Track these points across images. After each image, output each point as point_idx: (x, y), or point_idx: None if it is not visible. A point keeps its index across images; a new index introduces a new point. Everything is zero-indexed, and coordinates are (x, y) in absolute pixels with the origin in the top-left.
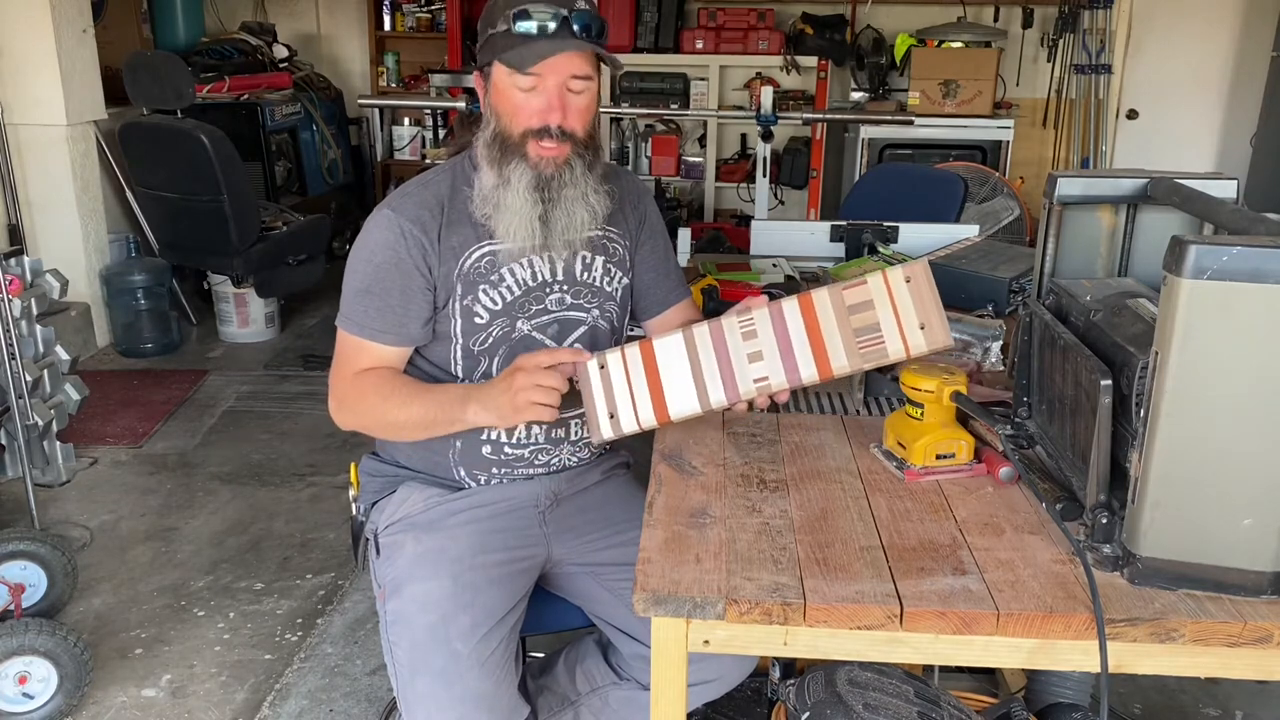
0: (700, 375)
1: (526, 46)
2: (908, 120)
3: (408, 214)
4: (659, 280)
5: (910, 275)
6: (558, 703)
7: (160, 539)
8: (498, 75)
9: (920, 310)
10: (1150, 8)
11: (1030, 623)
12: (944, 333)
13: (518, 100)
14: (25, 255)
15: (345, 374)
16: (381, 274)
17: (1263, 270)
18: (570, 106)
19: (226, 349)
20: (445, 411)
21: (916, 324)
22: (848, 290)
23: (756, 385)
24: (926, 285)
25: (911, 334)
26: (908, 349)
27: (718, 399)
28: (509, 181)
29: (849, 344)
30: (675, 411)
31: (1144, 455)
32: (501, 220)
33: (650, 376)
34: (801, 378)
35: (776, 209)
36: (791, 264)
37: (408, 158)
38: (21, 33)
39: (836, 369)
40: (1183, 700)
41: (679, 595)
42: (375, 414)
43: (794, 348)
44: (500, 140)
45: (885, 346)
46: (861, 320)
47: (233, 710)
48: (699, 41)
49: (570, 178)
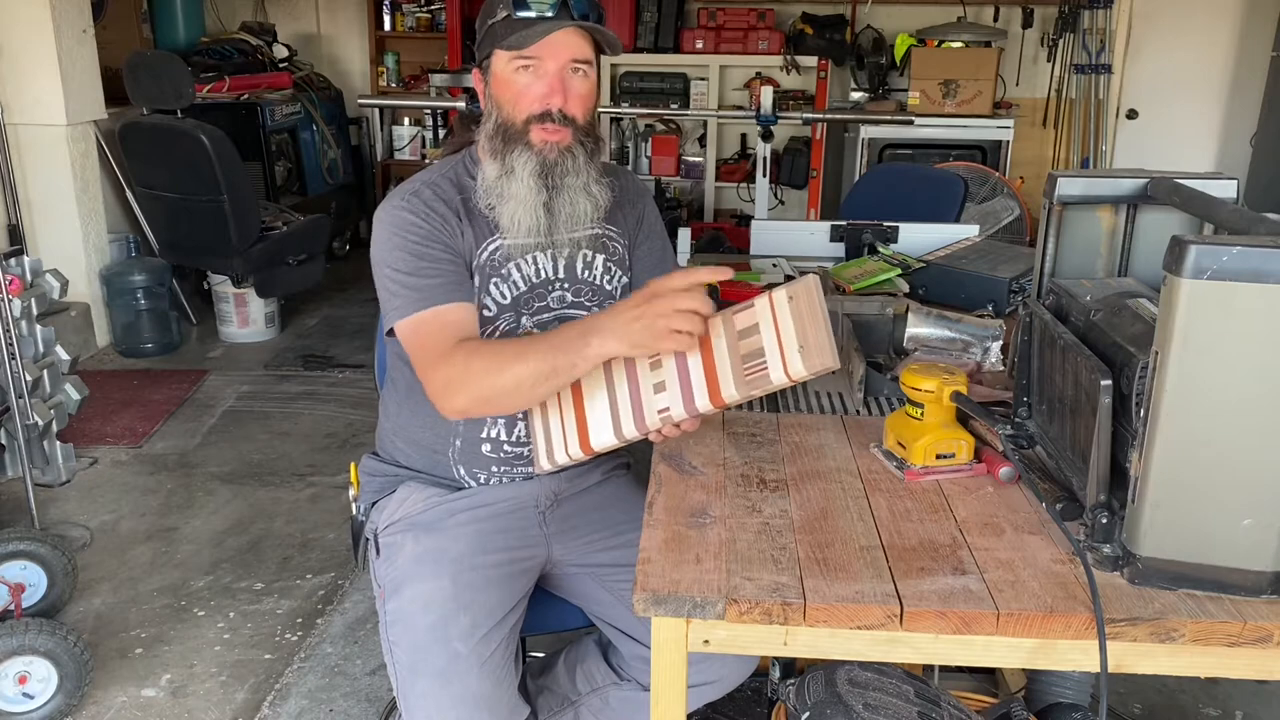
0: (615, 407)
1: (527, 29)
2: (908, 120)
3: (424, 198)
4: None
5: (793, 294)
6: (558, 703)
7: (160, 539)
8: (498, 64)
9: (799, 331)
10: (1150, 8)
11: (1030, 623)
12: (824, 354)
13: (519, 86)
14: (25, 255)
15: (437, 355)
16: (421, 250)
17: (1263, 270)
18: (571, 91)
19: (226, 349)
20: (565, 354)
21: (795, 345)
22: (738, 315)
23: (660, 416)
24: (807, 304)
25: (790, 356)
26: (788, 372)
27: (630, 431)
28: (513, 170)
29: (737, 371)
30: (596, 443)
31: (1144, 455)
32: (506, 209)
33: (577, 408)
34: (697, 407)
35: (776, 209)
36: (791, 264)
37: (408, 158)
38: (21, 33)
39: (726, 398)
40: (1183, 700)
41: (679, 595)
42: (489, 380)
43: (690, 378)
44: (503, 130)
45: (768, 373)
46: (749, 345)
47: (233, 710)
48: (699, 41)
49: (573, 165)
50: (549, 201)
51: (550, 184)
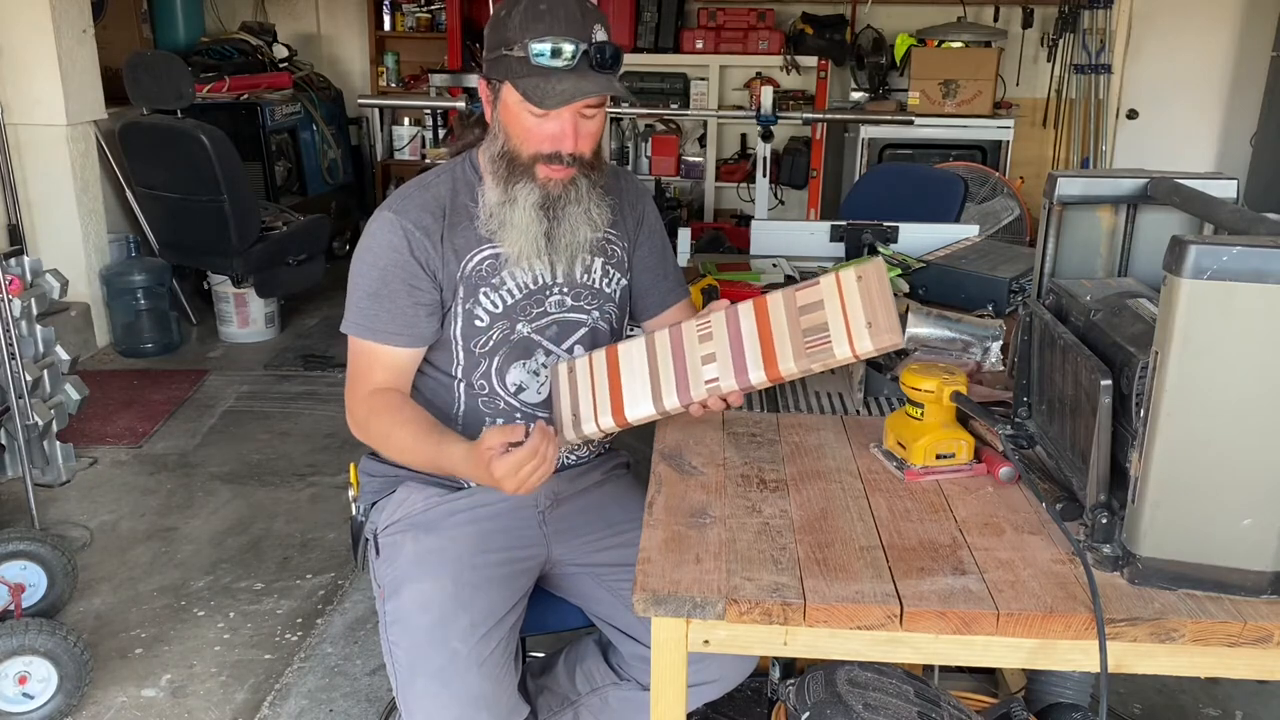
0: (657, 378)
1: (545, 82)
2: (908, 120)
3: (410, 216)
4: (657, 281)
5: (862, 274)
6: (557, 703)
7: (160, 539)
8: (509, 96)
9: (868, 309)
10: (1150, 8)
11: (1030, 623)
12: (891, 332)
13: (529, 125)
14: (25, 255)
15: (360, 389)
16: (388, 276)
17: (1263, 270)
18: (582, 133)
19: (226, 349)
20: (441, 470)
21: (864, 323)
22: (801, 291)
23: (707, 386)
24: (877, 284)
25: (858, 333)
26: (854, 348)
27: (671, 402)
28: (515, 200)
29: (797, 345)
30: (631, 414)
31: (1144, 455)
32: (507, 237)
33: (612, 379)
34: (750, 379)
35: (776, 209)
36: (791, 264)
37: (408, 158)
38: (21, 33)
39: (784, 370)
40: (1183, 700)
41: (679, 595)
42: (380, 443)
43: (745, 349)
44: (508, 158)
45: (831, 346)
46: (811, 320)
47: (233, 710)
48: (699, 41)
49: (575, 195)
50: (550, 230)
51: (552, 215)
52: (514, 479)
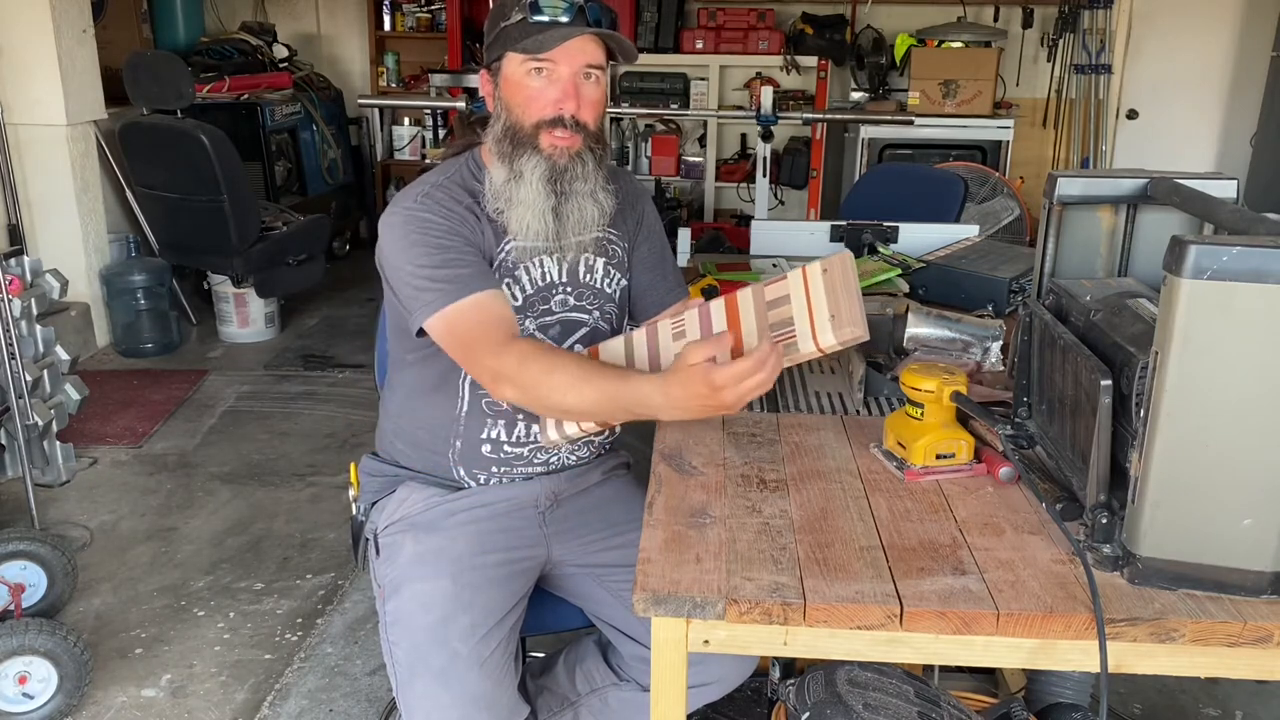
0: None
1: (542, 33)
2: (908, 120)
3: (439, 200)
4: (656, 281)
5: (827, 266)
6: (557, 703)
7: (160, 539)
8: (510, 67)
9: (831, 302)
10: (1150, 8)
11: (1030, 623)
12: (854, 324)
13: (531, 90)
14: (25, 255)
15: (485, 353)
16: (444, 243)
17: (1263, 270)
18: (583, 96)
19: (226, 349)
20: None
21: (827, 315)
22: (769, 286)
23: None
24: (841, 276)
25: (821, 326)
26: (817, 342)
27: None
28: (521, 175)
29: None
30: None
31: (1144, 455)
32: (514, 214)
33: None
34: None
35: (776, 209)
36: (791, 264)
37: (408, 158)
38: (21, 33)
39: None
40: (1183, 700)
41: (679, 595)
42: (540, 385)
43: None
44: (512, 133)
45: (796, 341)
46: (778, 315)
47: (233, 710)
48: (699, 41)
49: (582, 171)
50: (557, 206)
51: (559, 189)
52: (735, 390)
